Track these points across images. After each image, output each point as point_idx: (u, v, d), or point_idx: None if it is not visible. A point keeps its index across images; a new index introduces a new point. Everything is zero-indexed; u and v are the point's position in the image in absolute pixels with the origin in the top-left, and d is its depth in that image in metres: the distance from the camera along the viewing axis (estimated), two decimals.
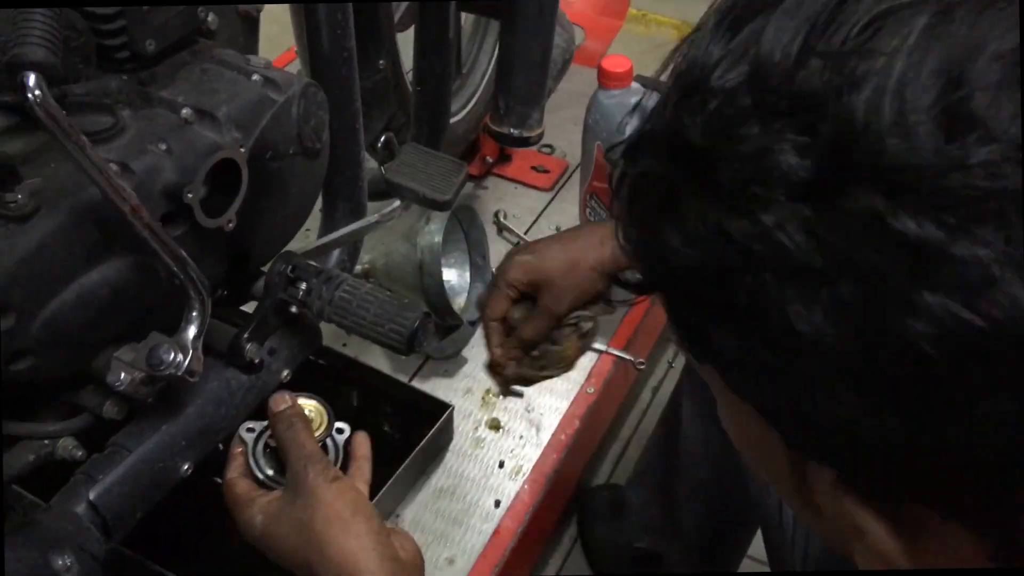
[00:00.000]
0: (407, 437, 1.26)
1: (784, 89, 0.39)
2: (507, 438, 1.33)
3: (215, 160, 0.80)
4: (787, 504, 0.56)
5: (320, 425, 0.89)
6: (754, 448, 0.51)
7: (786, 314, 0.39)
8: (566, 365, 1.03)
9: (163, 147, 0.81)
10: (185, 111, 0.84)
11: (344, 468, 0.88)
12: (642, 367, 1.47)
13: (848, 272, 0.37)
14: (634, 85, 1.42)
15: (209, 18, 0.90)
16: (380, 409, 1.30)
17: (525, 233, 1.64)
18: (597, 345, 1.44)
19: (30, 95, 0.66)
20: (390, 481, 1.19)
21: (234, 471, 0.87)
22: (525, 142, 1.07)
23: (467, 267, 1.50)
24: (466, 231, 1.48)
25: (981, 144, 0.35)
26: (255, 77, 0.89)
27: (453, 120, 1.65)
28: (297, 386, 0.93)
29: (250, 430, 0.89)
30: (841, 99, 0.37)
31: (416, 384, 1.38)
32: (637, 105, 1.32)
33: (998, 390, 0.37)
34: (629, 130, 0.48)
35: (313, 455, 0.83)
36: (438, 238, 1.36)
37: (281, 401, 0.86)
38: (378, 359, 1.40)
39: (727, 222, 0.40)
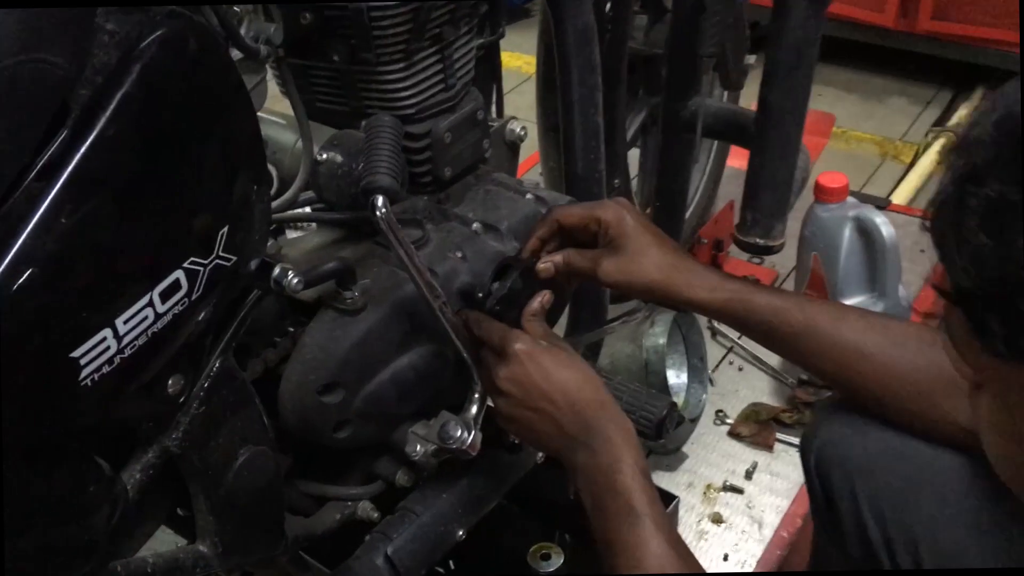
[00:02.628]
0: None
1: None
2: (729, 532, 1.39)
3: (508, 270, 0.95)
4: None
5: None
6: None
7: None
8: None
9: (459, 255, 0.97)
10: (475, 225, 1.00)
11: None
12: None
13: None
14: (849, 200, 1.49)
15: (486, 145, 1.07)
16: None
17: (739, 338, 1.71)
18: None
19: (378, 212, 0.83)
20: None
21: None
22: (769, 250, 1.17)
23: (685, 368, 1.59)
24: (684, 335, 1.58)
25: None
26: (528, 196, 1.05)
27: None
28: None
29: None
30: None
31: None
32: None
33: None
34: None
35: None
36: (663, 340, 1.46)
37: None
38: None
39: None
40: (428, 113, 0.98)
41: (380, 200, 0.83)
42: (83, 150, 0.61)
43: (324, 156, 0.94)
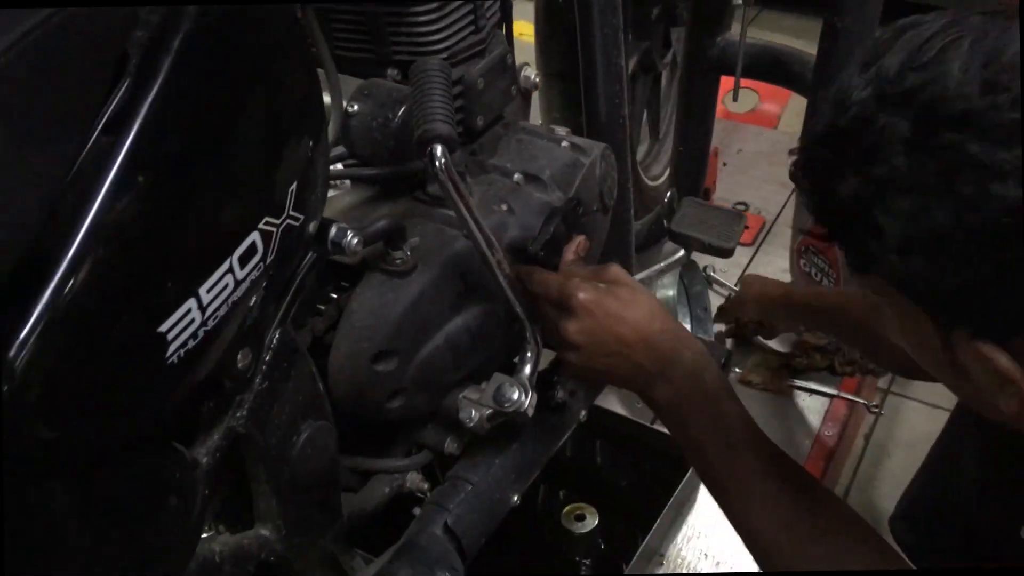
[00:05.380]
0: (661, 479, 1.31)
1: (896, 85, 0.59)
2: None
3: (552, 214, 0.90)
4: (940, 377, 0.68)
5: None
6: (913, 336, 0.67)
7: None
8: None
9: (504, 207, 0.91)
10: (517, 176, 0.94)
11: None
12: (876, 409, 1.50)
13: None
14: None
15: (513, 92, 1.02)
16: (633, 451, 1.37)
17: (736, 285, 1.70)
18: (828, 389, 1.48)
19: (438, 163, 0.77)
20: (656, 522, 1.24)
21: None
22: None
23: (687, 320, 1.57)
24: (687, 286, 1.56)
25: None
26: (564, 144, 1.00)
27: (655, 183, 1.75)
28: None
29: None
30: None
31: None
32: None
33: None
34: None
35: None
36: (672, 291, 1.44)
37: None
38: (615, 407, 1.47)
39: (871, 171, 0.60)
40: (460, 58, 0.92)
41: (440, 150, 0.77)
42: (149, 98, 0.54)
43: (355, 107, 0.87)
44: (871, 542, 0.76)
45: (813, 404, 1.48)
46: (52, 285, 0.49)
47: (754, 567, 1.18)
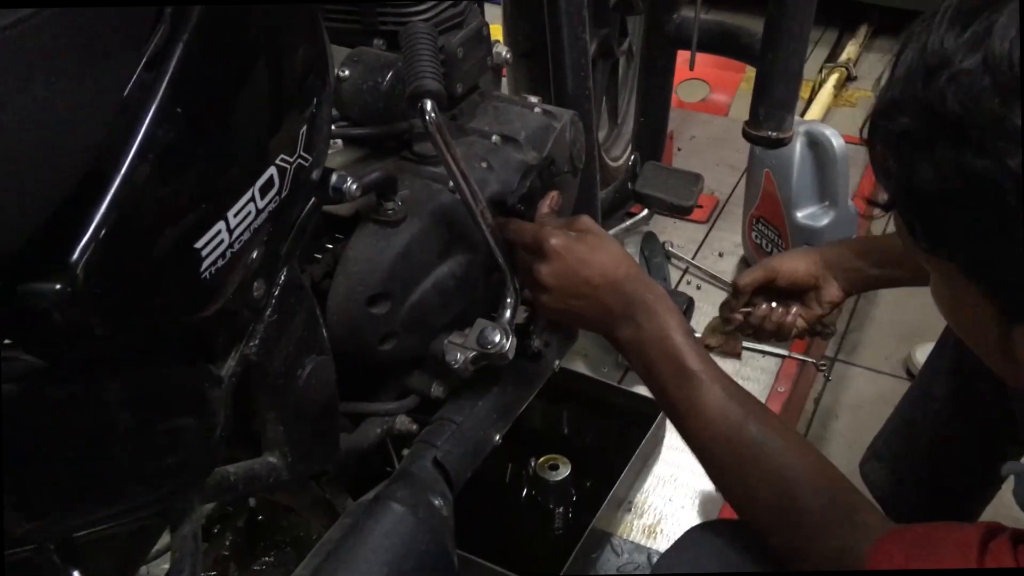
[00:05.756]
0: (628, 434, 1.40)
1: (1011, 73, 0.56)
2: None
3: (528, 171, 0.98)
4: (989, 363, 0.71)
5: None
6: (968, 322, 0.69)
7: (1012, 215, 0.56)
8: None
9: (484, 165, 0.99)
10: (495, 137, 1.02)
11: None
12: (823, 367, 1.60)
13: None
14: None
15: (489, 63, 1.09)
16: (601, 409, 1.45)
17: (692, 258, 1.79)
18: (780, 350, 1.58)
19: (427, 117, 0.84)
20: (624, 471, 1.33)
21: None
22: (782, 143, 1.24)
23: None
24: (647, 257, 1.65)
25: None
26: (536, 110, 1.08)
27: (615, 163, 1.84)
28: None
29: None
30: None
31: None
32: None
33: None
34: None
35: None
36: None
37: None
38: (579, 366, 1.55)
39: (974, 163, 0.57)
40: (441, 28, 0.99)
41: (429, 104, 0.84)
42: (183, 43, 0.61)
43: (346, 73, 0.94)
44: (810, 454, 0.83)
45: (767, 364, 1.58)
46: (107, 199, 0.55)
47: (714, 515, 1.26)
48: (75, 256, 0.54)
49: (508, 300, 0.99)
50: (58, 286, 0.53)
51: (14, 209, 0.49)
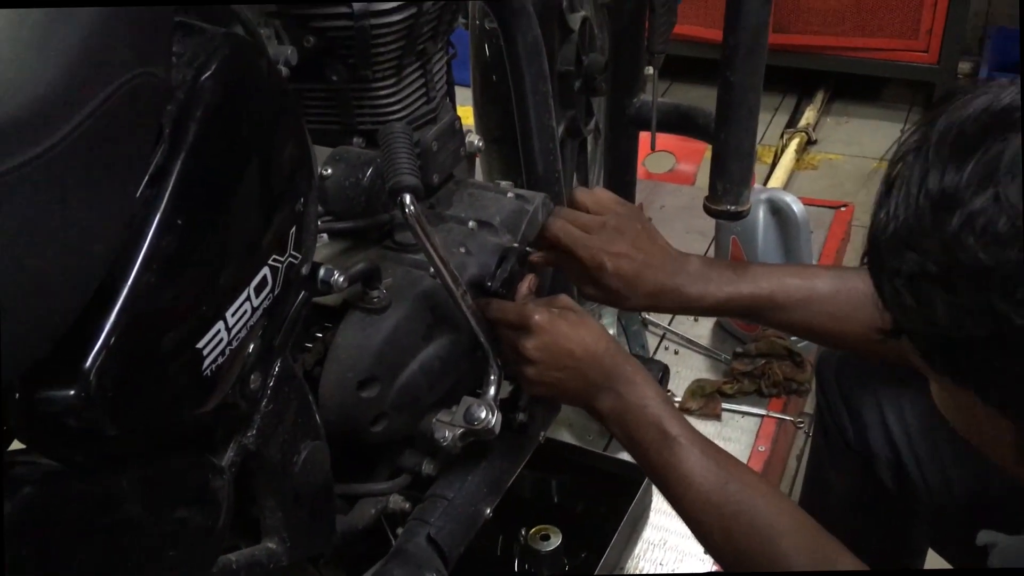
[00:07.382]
0: (616, 500, 1.43)
1: None
2: None
3: (507, 255, 1.04)
4: (1002, 463, 0.71)
5: None
6: (982, 435, 0.70)
7: None
8: None
9: (463, 250, 1.04)
10: (471, 223, 1.08)
11: None
12: (802, 425, 1.64)
13: None
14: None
15: (463, 153, 1.16)
16: (588, 477, 1.48)
17: (669, 324, 1.85)
18: (757, 410, 1.63)
19: (407, 209, 0.90)
20: (613, 539, 1.35)
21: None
22: (741, 215, 1.31)
23: None
24: (625, 326, 1.70)
25: None
26: (509, 195, 1.14)
27: None
28: None
29: None
30: None
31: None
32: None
33: None
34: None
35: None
36: (612, 331, 1.58)
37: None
38: (565, 436, 1.59)
39: (1000, 306, 0.57)
40: (415, 125, 1.06)
41: (408, 198, 0.90)
42: (182, 159, 0.66)
43: (329, 171, 1.00)
44: (789, 507, 0.88)
45: (747, 424, 1.62)
46: (116, 308, 0.60)
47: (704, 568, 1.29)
48: (88, 363, 0.58)
49: (492, 377, 1.04)
50: (72, 392, 0.58)
51: (45, 325, 0.54)
